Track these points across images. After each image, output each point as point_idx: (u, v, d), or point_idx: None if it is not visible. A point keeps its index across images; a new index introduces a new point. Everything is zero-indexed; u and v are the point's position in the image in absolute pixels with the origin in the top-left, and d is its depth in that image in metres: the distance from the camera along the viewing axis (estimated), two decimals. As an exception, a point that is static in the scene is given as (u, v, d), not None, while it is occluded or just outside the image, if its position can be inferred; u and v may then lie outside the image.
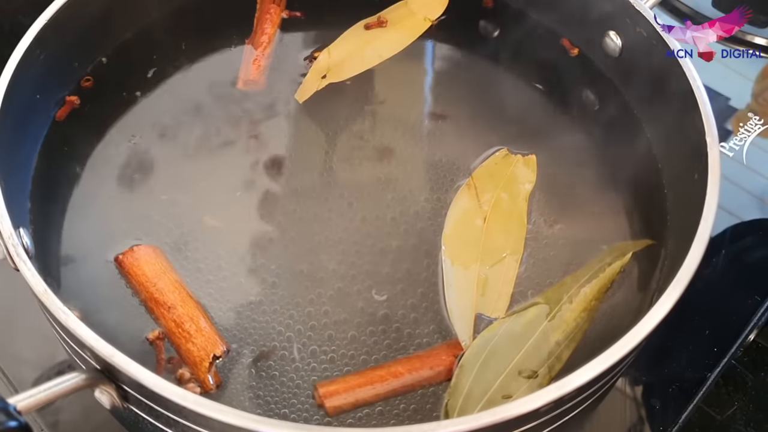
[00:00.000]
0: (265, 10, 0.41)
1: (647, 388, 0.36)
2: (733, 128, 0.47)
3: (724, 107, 0.48)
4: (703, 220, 0.27)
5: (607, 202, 0.35)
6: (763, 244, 0.43)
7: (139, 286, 0.31)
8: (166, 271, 0.31)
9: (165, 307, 0.30)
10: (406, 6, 0.41)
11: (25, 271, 0.26)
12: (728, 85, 0.49)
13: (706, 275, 0.40)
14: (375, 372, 0.29)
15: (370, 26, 0.41)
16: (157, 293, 0.30)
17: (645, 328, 0.24)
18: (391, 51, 0.40)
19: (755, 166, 0.44)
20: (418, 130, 0.38)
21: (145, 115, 0.38)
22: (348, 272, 0.33)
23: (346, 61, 0.40)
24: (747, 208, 0.43)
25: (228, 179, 0.36)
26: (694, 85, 0.31)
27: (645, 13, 0.35)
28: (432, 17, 0.41)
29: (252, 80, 0.39)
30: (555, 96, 0.40)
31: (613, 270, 0.32)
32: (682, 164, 0.32)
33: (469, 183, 0.35)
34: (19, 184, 0.32)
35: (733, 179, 0.44)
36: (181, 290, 0.31)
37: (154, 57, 0.39)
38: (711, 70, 0.50)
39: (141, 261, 0.31)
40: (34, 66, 0.33)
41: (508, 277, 0.32)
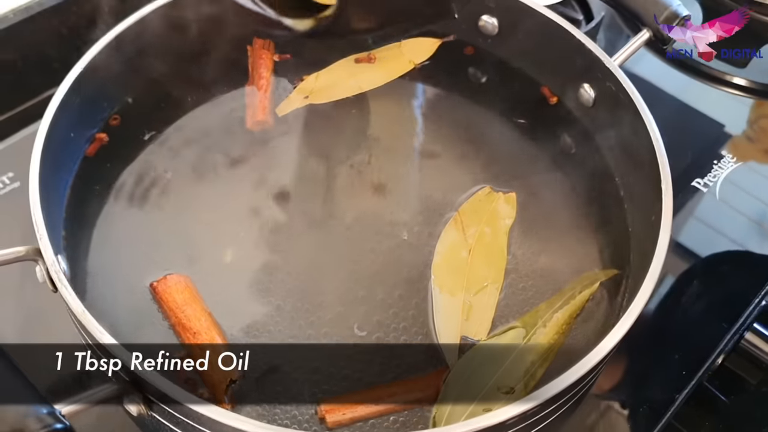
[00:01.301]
0: (258, 56, 0.44)
1: (620, 407, 0.38)
2: (731, 154, 0.48)
3: (719, 134, 0.50)
4: (654, 259, 0.29)
5: (578, 238, 0.38)
6: (730, 275, 0.47)
7: (169, 311, 0.34)
8: (194, 299, 0.34)
9: (191, 332, 0.33)
10: (399, 48, 0.45)
11: (66, 294, 0.29)
12: (723, 112, 0.52)
13: (677, 304, 0.44)
14: (373, 392, 0.32)
15: (360, 60, 0.45)
16: (185, 319, 0.33)
17: (598, 354, 0.27)
18: (370, 84, 0.44)
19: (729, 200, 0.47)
20: (410, 168, 0.41)
21: (165, 151, 0.41)
22: (346, 297, 0.35)
23: (329, 87, 0.43)
24: (718, 241, 0.46)
25: (238, 209, 0.39)
26: (653, 137, 0.34)
27: (613, 69, 0.38)
28: (417, 61, 0.45)
29: (260, 120, 0.42)
30: (535, 139, 0.42)
31: (582, 297, 0.35)
32: (643, 207, 0.35)
33: (456, 218, 0.38)
34: (56, 214, 0.35)
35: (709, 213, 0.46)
36: (206, 318, 0.33)
37: (173, 96, 0.43)
38: (706, 97, 0.53)
39: (172, 289, 0.34)
40: (70, 109, 0.36)
41: (490, 303, 0.35)
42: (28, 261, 0.30)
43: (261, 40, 0.45)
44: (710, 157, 0.49)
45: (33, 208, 0.31)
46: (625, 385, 0.39)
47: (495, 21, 0.44)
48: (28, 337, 0.40)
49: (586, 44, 0.40)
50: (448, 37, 0.46)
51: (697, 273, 0.44)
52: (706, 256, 0.45)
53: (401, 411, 0.32)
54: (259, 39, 0.45)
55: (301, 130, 0.43)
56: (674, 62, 0.55)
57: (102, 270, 0.36)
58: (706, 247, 0.45)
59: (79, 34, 0.48)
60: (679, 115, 0.52)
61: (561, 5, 0.49)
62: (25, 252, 0.30)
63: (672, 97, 0.53)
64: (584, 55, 0.40)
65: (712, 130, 0.51)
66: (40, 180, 0.32)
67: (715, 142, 0.50)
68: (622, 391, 0.39)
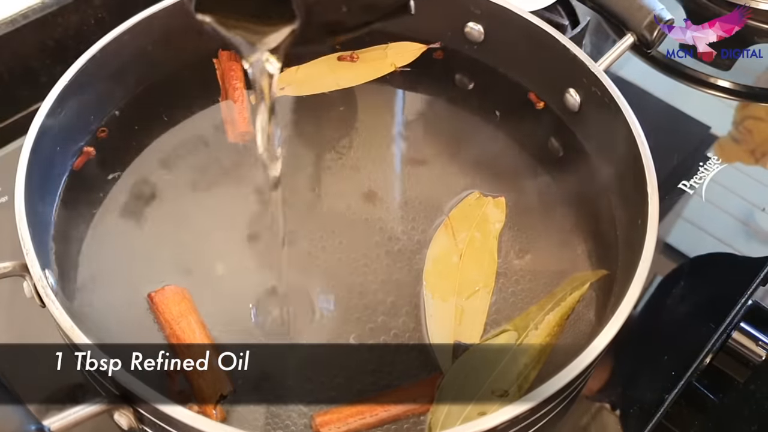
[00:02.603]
0: (227, 68, 0.44)
1: (611, 408, 0.38)
2: (716, 156, 0.48)
3: (705, 135, 0.50)
4: (642, 261, 0.30)
5: (567, 240, 0.38)
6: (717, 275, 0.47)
7: (164, 322, 0.34)
8: (190, 311, 0.34)
9: (185, 344, 0.33)
10: (384, 50, 0.45)
11: (54, 310, 0.28)
12: (708, 114, 0.52)
13: (665, 305, 0.44)
14: (365, 404, 0.32)
15: (342, 58, 0.45)
16: (180, 331, 0.33)
17: (590, 355, 0.28)
18: (349, 82, 0.44)
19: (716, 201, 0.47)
20: (400, 175, 0.42)
21: (154, 162, 0.41)
22: (339, 306, 0.36)
23: (308, 81, 0.43)
24: (705, 242, 0.46)
25: (229, 220, 0.39)
26: (638, 141, 0.35)
27: (598, 74, 0.38)
28: (398, 64, 0.45)
29: (241, 132, 0.42)
30: (523, 143, 0.43)
31: (573, 299, 0.35)
32: (630, 210, 0.35)
33: (447, 223, 0.38)
34: (44, 228, 0.35)
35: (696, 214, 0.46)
36: (200, 331, 0.33)
37: (160, 109, 0.43)
38: (692, 99, 0.53)
39: (169, 300, 0.34)
40: (56, 122, 0.36)
41: (482, 307, 0.35)
42: (16, 276, 0.30)
43: (226, 52, 0.44)
44: (696, 159, 0.50)
45: (19, 222, 0.31)
46: (616, 387, 0.39)
47: (481, 27, 0.45)
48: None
49: (571, 49, 0.40)
50: (434, 43, 0.46)
51: (685, 273, 0.45)
52: (693, 256, 0.45)
53: (397, 420, 0.32)
54: (224, 51, 0.44)
55: (286, 139, 0.43)
56: (660, 65, 0.56)
57: (93, 283, 0.36)
58: (693, 248, 0.45)
59: (66, 47, 0.48)
60: (665, 117, 0.53)
61: (546, 11, 0.50)
62: (12, 267, 0.30)
63: (658, 100, 0.54)
64: (569, 61, 0.40)
65: (698, 132, 0.52)
66: (26, 194, 0.32)
67: (701, 143, 0.51)
68: (613, 392, 0.39)
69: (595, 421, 0.38)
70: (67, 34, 0.48)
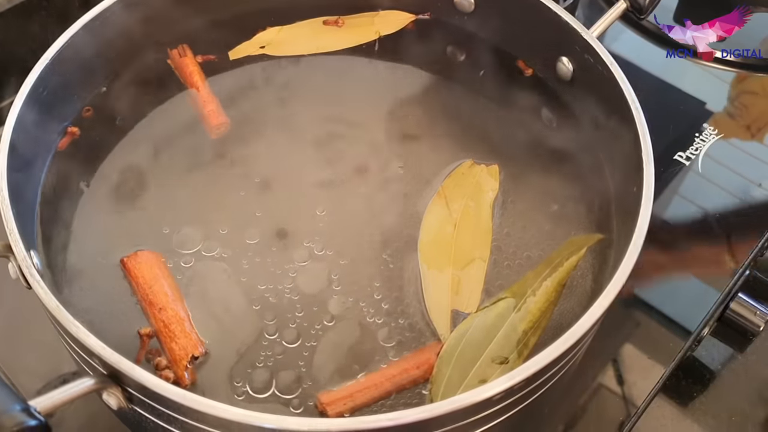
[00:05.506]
0: (181, 65, 0.42)
1: (609, 383, 0.38)
2: (712, 129, 0.48)
3: (701, 111, 0.50)
4: (637, 230, 0.29)
5: (562, 208, 0.38)
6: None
7: (137, 287, 0.33)
8: (162, 276, 0.34)
9: (156, 308, 0.32)
10: (371, 17, 0.45)
11: (39, 290, 0.28)
12: (704, 90, 0.51)
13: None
14: (370, 378, 0.31)
15: (328, 23, 0.44)
16: (152, 295, 0.33)
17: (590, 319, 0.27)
18: (329, 47, 0.43)
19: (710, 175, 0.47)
20: (391, 148, 0.41)
21: (140, 142, 0.40)
22: (336, 279, 0.35)
23: (289, 42, 0.42)
24: (699, 214, 0.45)
25: (217, 198, 0.38)
26: (633, 107, 0.34)
27: (590, 40, 0.38)
28: (383, 32, 0.44)
29: (217, 124, 0.41)
30: (516, 113, 0.42)
31: (570, 264, 0.35)
32: (625, 177, 0.34)
33: (440, 193, 0.38)
34: (29, 209, 0.34)
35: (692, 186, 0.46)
36: (173, 294, 0.33)
37: (148, 86, 0.42)
38: (687, 73, 0.52)
39: (142, 264, 0.34)
40: (38, 102, 0.35)
41: (478, 276, 0.35)
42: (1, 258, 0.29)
43: (174, 51, 0.43)
44: (692, 131, 0.49)
45: (2, 203, 0.30)
46: (614, 360, 0.39)
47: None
48: (6, 335, 0.39)
49: (563, 17, 0.39)
50: (424, 14, 0.46)
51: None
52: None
53: (403, 390, 0.31)
54: (173, 50, 0.43)
55: (266, 119, 0.42)
56: (653, 37, 0.55)
57: (80, 263, 0.35)
58: (689, 220, 0.45)
59: (52, 31, 0.47)
60: (660, 94, 0.53)
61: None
62: (-5, 248, 0.29)
63: (652, 76, 0.54)
64: (561, 28, 0.39)
65: (693, 108, 0.52)
66: (9, 176, 0.32)
67: (696, 119, 0.50)
68: (611, 366, 0.39)
69: (595, 396, 0.38)
70: (51, 17, 0.47)
